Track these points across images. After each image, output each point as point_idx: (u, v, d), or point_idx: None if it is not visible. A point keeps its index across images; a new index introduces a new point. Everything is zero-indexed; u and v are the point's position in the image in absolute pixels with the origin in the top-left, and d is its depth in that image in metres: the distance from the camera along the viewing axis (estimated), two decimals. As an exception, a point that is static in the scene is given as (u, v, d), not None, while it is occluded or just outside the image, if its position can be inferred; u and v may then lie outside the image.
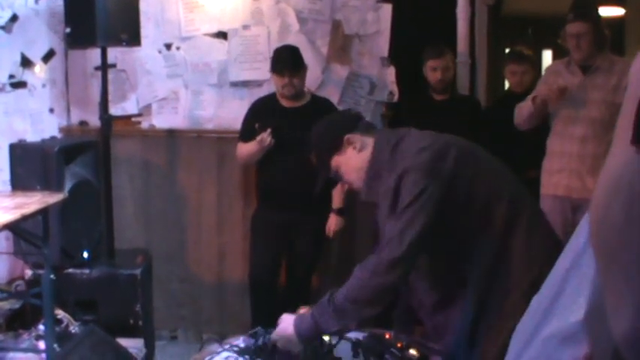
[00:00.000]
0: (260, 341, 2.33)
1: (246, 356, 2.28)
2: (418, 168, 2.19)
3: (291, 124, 4.00)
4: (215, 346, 2.41)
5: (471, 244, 2.25)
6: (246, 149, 4.10)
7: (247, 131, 4.10)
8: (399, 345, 2.34)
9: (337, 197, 4.11)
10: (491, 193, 2.25)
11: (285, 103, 4.10)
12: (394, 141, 2.32)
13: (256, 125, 3.99)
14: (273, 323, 2.35)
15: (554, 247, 2.24)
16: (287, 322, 2.27)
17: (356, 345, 2.33)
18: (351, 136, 2.38)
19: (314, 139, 2.51)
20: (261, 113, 4.10)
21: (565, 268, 1.25)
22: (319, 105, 4.17)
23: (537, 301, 1.40)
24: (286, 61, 4.01)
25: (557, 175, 3.90)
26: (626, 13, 7.40)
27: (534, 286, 2.14)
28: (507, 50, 5.61)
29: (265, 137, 3.94)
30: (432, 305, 2.37)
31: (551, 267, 2.23)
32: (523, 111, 3.92)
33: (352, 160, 2.38)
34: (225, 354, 2.32)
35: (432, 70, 4.25)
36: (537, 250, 2.23)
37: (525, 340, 1.35)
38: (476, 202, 2.24)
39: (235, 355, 2.30)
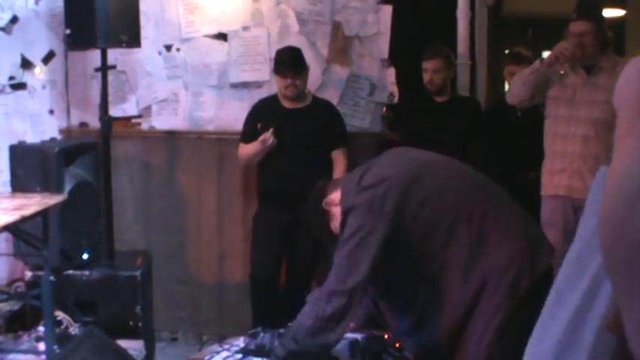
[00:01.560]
0: (260, 341, 2.33)
1: (248, 356, 2.28)
2: (360, 206, 2.29)
3: (293, 124, 4.01)
4: (215, 346, 2.41)
5: (441, 264, 2.27)
6: (248, 150, 4.10)
7: (249, 132, 4.10)
8: (397, 345, 2.34)
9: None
10: (445, 216, 2.28)
11: (286, 104, 4.10)
12: (357, 179, 2.39)
13: (259, 125, 3.99)
14: (273, 323, 2.36)
15: (530, 243, 2.29)
16: None
17: (354, 345, 2.33)
18: (326, 199, 2.47)
19: (310, 226, 2.64)
20: (263, 114, 4.10)
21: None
22: (320, 106, 4.18)
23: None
24: (289, 62, 4.02)
25: (558, 176, 3.89)
26: (626, 14, 7.41)
27: (515, 286, 2.18)
28: (507, 51, 5.61)
29: (268, 137, 3.95)
30: (409, 329, 2.39)
31: (529, 261, 2.23)
32: (524, 72, 3.92)
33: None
34: (224, 354, 2.32)
35: (424, 71, 4.25)
36: (511, 251, 2.24)
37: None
38: (435, 224, 2.27)
39: (234, 354, 2.30)
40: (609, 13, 6.63)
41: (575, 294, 1.22)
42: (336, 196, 2.43)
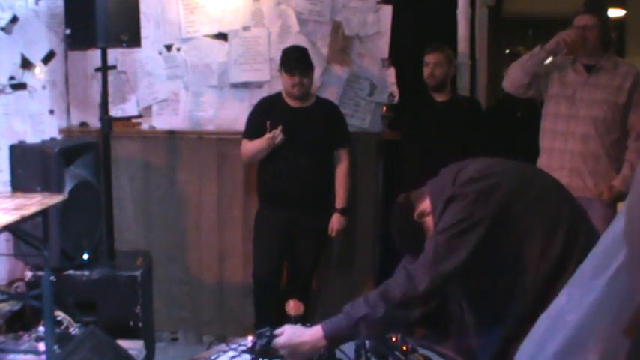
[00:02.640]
0: (265, 341, 2.32)
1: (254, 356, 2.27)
2: (465, 196, 2.18)
3: (296, 123, 4.02)
4: (221, 346, 2.40)
5: (521, 275, 2.19)
6: (252, 146, 4.09)
7: (253, 129, 4.10)
8: (404, 348, 2.33)
9: (340, 197, 4.12)
10: (544, 229, 2.18)
11: (291, 102, 4.11)
12: (451, 178, 2.28)
13: (267, 123, 3.99)
14: (276, 322, 2.35)
15: None
16: (293, 331, 2.24)
17: (360, 346, 2.32)
18: (418, 212, 2.35)
19: (403, 243, 2.46)
20: (267, 112, 4.10)
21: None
22: (324, 106, 4.19)
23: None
24: (297, 61, 4.03)
25: (557, 173, 3.89)
26: (626, 14, 7.42)
27: None
28: (507, 51, 5.62)
29: (277, 134, 3.94)
30: (482, 331, 2.33)
31: None
32: (523, 57, 3.93)
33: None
34: (231, 353, 2.32)
35: (425, 65, 4.25)
36: None
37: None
38: (529, 236, 2.18)
39: (241, 354, 2.29)
40: (609, 13, 6.64)
41: (590, 294, 1.21)
42: (426, 205, 2.33)
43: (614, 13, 7.08)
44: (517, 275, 2.20)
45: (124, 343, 3.37)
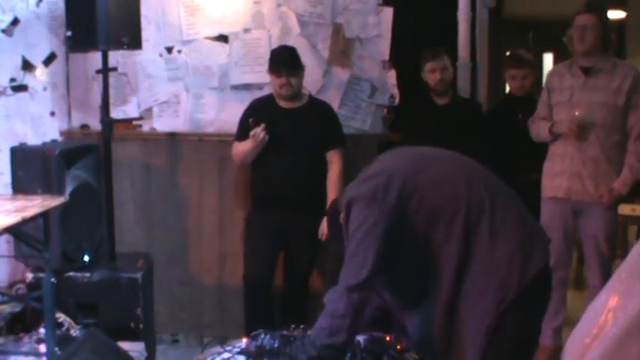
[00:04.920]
0: (260, 343, 2.33)
1: (248, 358, 2.28)
2: (362, 197, 2.26)
3: (289, 124, 4.01)
4: (216, 348, 2.41)
5: (434, 259, 2.24)
6: (242, 147, 4.08)
7: (243, 131, 4.08)
8: (398, 347, 2.34)
9: (332, 199, 4.10)
10: (446, 207, 2.24)
11: (282, 103, 4.10)
12: (360, 176, 2.37)
13: (250, 120, 3.97)
14: (269, 326, 2.35)
15: (523, 241, 2.24)
16: None
17: (354, 346, 2.33)
18: (341, 217, 2.39)
19: (333, 244, 2.57)
20: (259, 113, 4.08)
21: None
22: (317, 107, 4.17)
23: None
24: (283, 61, 4.02)
25: (558, 178, 3.90)
26: (627, 16, 7.42)
27: (503, 288, 2.15)
28: (508, 53, 5.62)
29: (259, 132, 3.92)
30: (413, 322, 2.37)
31: (521, 261, 2.21)
32: (540, 135, 3.98)
33: None
34: (226, 355, 2.32)
35: (431, 72, 4.24)
36: (503, 249, 2.21)
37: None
38: (437, 216, 2.24)
39: (236, 356, 2.30)
40: (610, 14, 6.65)
41: None
42: None
43: (615, 14, 7.08)
44: (429, 264, 2.24)
45: (124, 345, 3.38)
